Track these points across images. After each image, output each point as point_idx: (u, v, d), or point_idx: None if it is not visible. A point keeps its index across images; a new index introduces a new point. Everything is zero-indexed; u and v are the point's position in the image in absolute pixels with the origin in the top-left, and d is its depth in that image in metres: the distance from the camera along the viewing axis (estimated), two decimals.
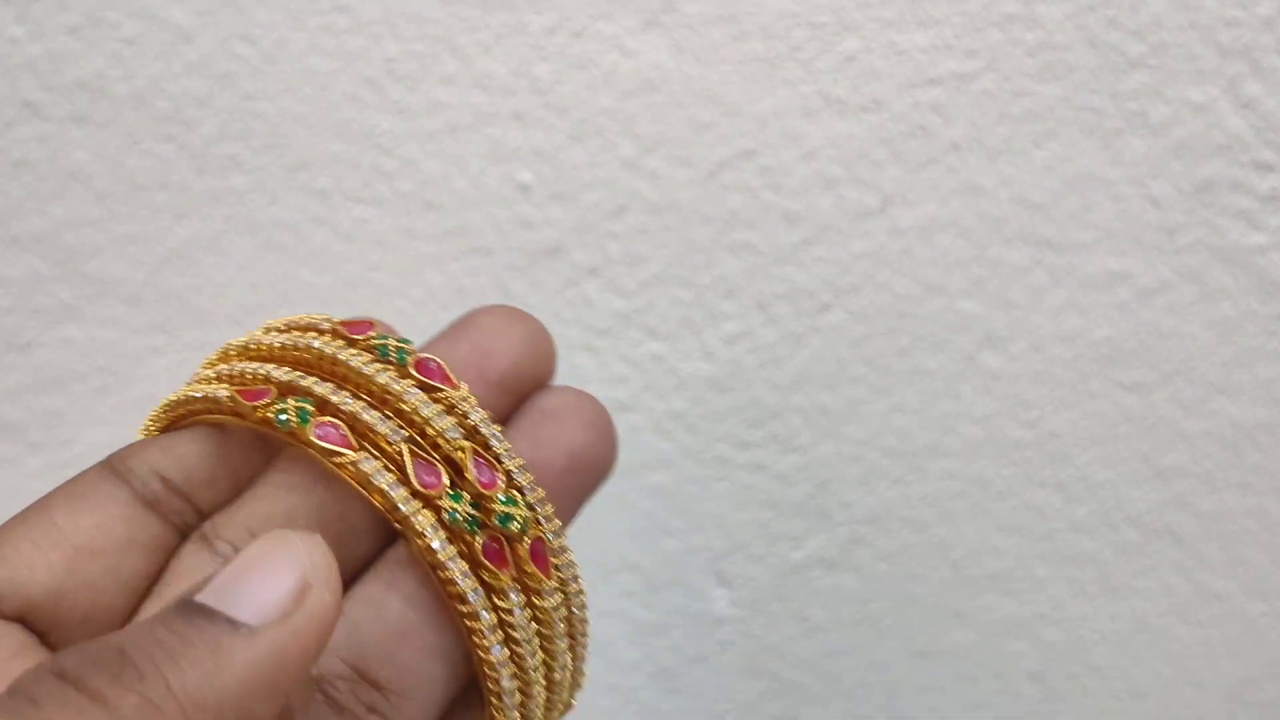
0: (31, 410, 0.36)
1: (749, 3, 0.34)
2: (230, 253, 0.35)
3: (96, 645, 0.17)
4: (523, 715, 0.22)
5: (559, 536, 0.21)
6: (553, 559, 0.21)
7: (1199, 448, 0.37)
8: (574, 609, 0.22)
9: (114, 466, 0.22)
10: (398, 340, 0.22)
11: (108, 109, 0.34)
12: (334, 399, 0.21)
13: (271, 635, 0.17)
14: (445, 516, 0.20)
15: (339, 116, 0.34)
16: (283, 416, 0.20)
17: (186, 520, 0.22)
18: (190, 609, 0.17)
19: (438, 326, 0.35)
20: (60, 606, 0.20)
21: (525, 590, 0.21)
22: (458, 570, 0.20)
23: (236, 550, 0.20)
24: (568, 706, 0.23)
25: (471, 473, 0.21)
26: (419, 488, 0.20)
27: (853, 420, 0.36)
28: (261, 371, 0.22)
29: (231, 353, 0.23)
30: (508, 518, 0.21)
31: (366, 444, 0.21)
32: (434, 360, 0.21)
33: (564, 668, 0.22)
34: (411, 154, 0.35)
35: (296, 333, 0.22)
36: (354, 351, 0.21)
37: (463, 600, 0.20)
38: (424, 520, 0.20)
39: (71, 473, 0.31)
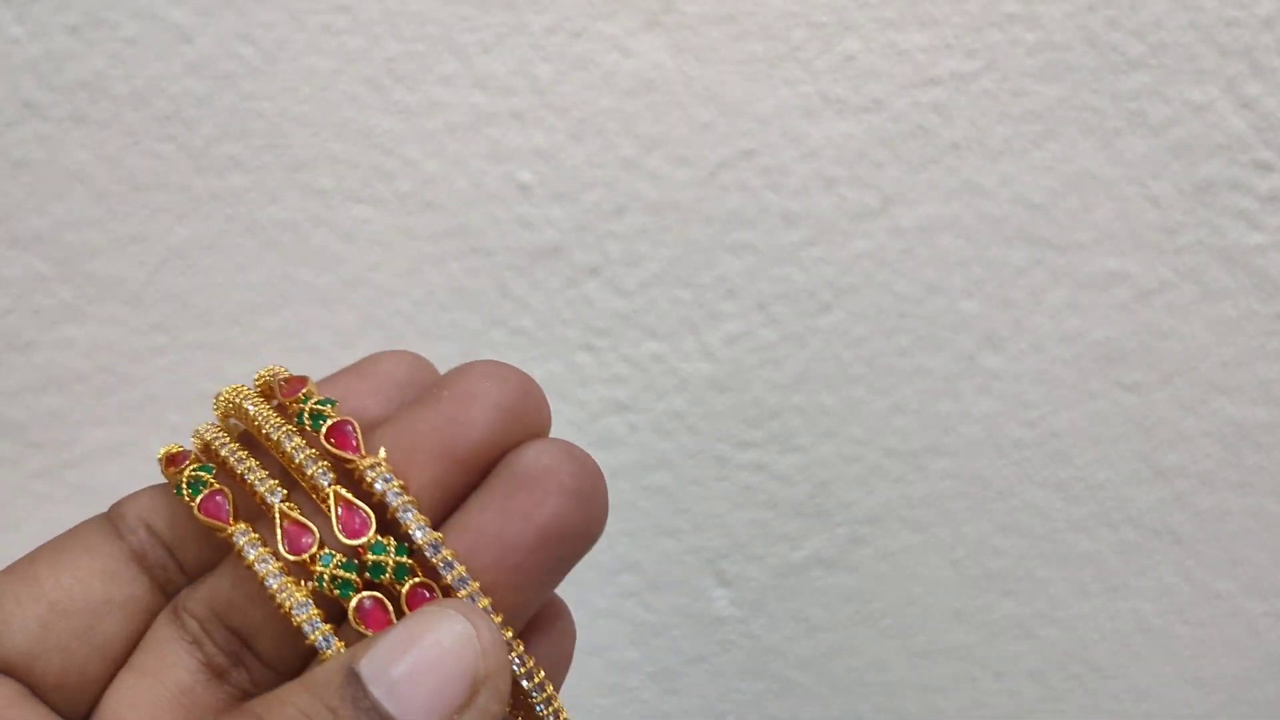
0: (31, 410, 0.36)
1: (749, 3, 0.34)
2: (230, 253, 0.35)
3: None
4: None
5: (453, 568, 0.19)
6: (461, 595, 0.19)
7: (1199, 448, 0.37)
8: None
9: (110, 514, 0.21)
10: (316, 404, 0.21)
11: (108, 109, 0.34)
12: (230, 459, 0.21)
13: None
14: (313, 584, 0.19)
15: (339, 116, 0.34)
16: (179, 489, 0.20)
17: (170, 578, 0.21)
18: (357, 690, 0.17)
19: (438, 326, 0.35)
20: (34, 668, 0.20)
21: None
22: (333, 651, 0.19)
23: (201, 625, 0.20)
24: None
25: (336, 523, 0.19)
26: (288, 556, 0.19)
27: (853, 420, 0.36)
28: (205, 434, 0.22)
29: (217, 401, 0.22)
30: (378, 568, 0.19)
31: (259, 512, 0.20)
32: (349, 423, 0.20)
33: None
34: (411, 154, 0.35)
35: (246, 392, 0.22)
36: (265, 408, 0.21)
37: None
38: (295, 597, 0.19)
39: (72, 473, 0.31)
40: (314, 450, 0.20)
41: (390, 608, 0.19)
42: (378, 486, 0.20)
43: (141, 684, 0.20)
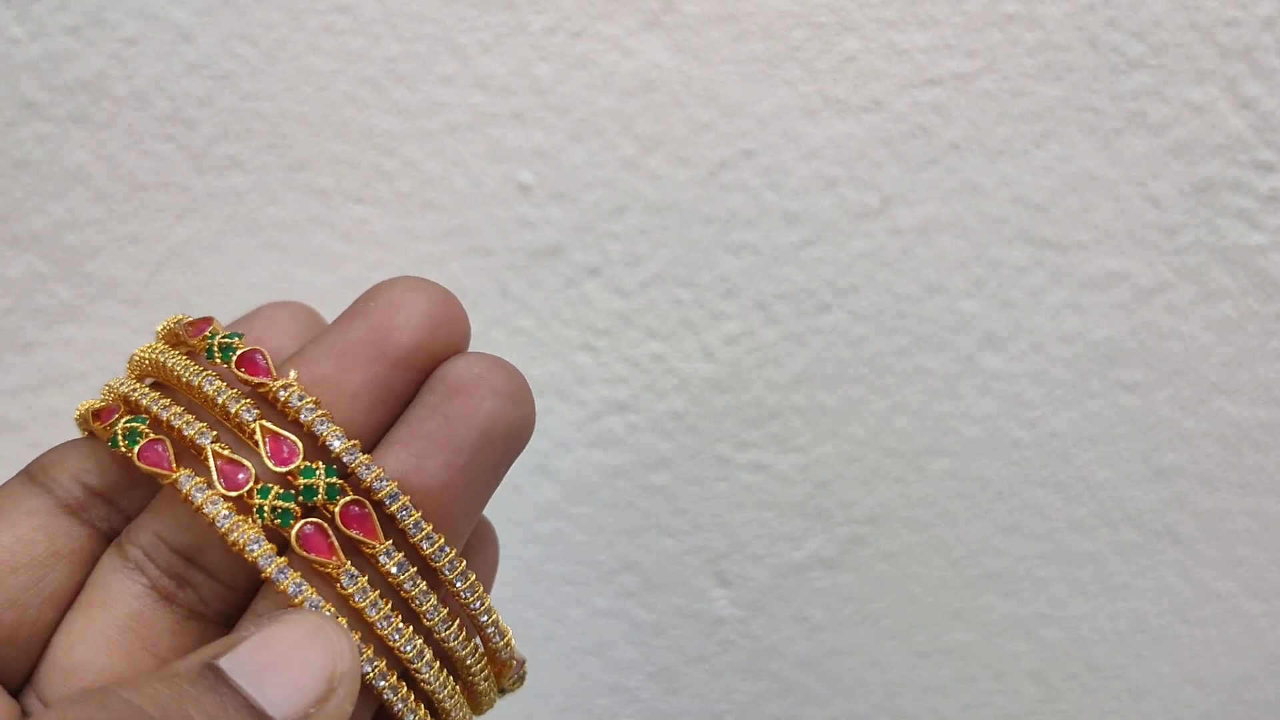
0: (31, 410, 0.36)
1: (749, 3, 0.34)
2: (230, 253, 0.35)
3: (117, 701, 0.17)
4: (427, 695, 0.20)
5: (385, 483, 0.20)
6: (395, 511, 0.20)
7: (1198, 448, 0.37)
8: (437, 559, 0.20)
9: (35, 476, 0.21)
10: (224, 337, 0.21)
11: (108, 109, 0.34)
12: (155, 409, 0.21)
13: None
14: (256, 517, 0.19)
15: (339, 116, 0.34)
16: (114, 442, 0.20)
17: (113, 525, 0.21)
18: (218, 681, 0.17)
19: None
20: None
21: (369, 563, 0.20)
22: (290, 581, 0.19)
23: (144, 552, 0.20)
24: (503, 666, 0.22)
25: (265, 454, 0.20)
26: (226, 493, 0.19)
27: (853, 420, 0.36)
28: (120, 388, 0.22)
29: (131, 364, 0.23)
30: (310, 490, 0.20)
31: (190, 455, 0.20)
32: (259, 352, 0.21)
33: (448, 629, 0.20)
34: (411, 154, 0.35)
35: (159, 347, 0.22)
36: (181, 358, 0.21)
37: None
38: (246, 534, 0.19)
39: None
40: (235, 390, 0.20)
41: (331, 533, 0.20)
42: (292, 404, 0.20)
43: (89, 616, 0.20)
